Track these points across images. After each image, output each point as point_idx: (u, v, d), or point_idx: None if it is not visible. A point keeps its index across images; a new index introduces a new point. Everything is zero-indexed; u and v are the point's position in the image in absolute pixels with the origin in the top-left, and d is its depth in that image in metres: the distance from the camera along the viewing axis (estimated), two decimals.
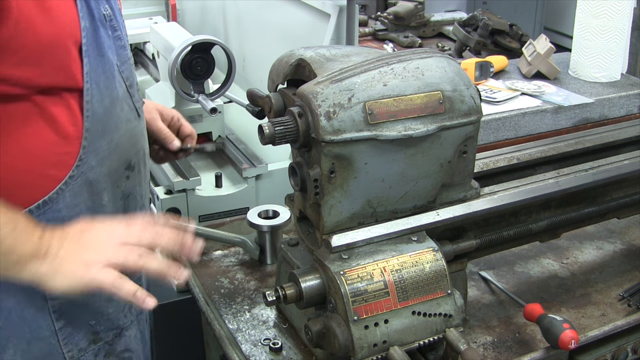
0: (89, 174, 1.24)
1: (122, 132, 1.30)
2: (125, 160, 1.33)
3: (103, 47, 1.24)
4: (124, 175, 1.33)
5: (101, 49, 1.23)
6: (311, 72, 1.21)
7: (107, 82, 1.25)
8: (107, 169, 1.28)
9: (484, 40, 2.95)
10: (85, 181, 1.24)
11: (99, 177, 1.27)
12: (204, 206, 2.04)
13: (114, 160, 1.29)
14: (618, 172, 1.49)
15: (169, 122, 1.61)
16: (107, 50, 1.25)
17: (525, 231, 1.46)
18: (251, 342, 1.39)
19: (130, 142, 1.34)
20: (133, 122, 1.34)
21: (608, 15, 2.35)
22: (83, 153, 1.22)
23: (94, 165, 1.25)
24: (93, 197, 1.27)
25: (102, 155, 1.26)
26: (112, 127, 1.27)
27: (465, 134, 1.24)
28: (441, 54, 1.25)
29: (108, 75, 1.25)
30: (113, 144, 1.28)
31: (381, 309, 1.17)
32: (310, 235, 1.30)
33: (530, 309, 1.39)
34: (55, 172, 1.21)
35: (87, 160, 1.23)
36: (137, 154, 1.37)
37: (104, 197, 1.29)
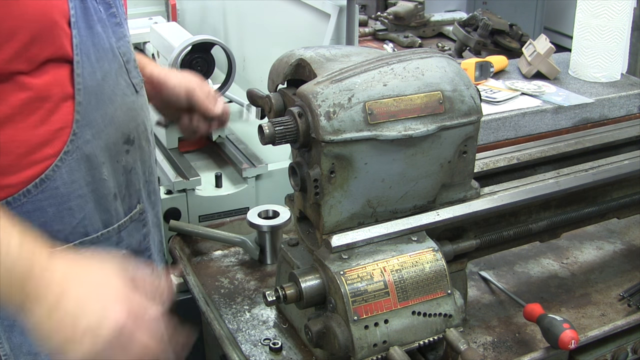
0: (85, 148, 1.24)
1: (117, 105, 1.29)
2: (123, 134, 1.32)
3: (93, 20, 1.22)
4: (123, 149, 1.33)
5: (90, 21, 1.22)
6: (311, 72, 1.21)
7: (98, 55, 1.23)
8: (103, 142, 1.27)
9: (484, 40, 2.95)
10: (81, 156, 1.23)
11: (96, 151, 1.26)
12: (204, 206, 2.04)
13: (110, 133, 1.28)
14: (618, 172, 1.49)
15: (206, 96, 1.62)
16: (98, 23, 1.23)
17: (525, 231, 1.46)
18: (251, 342, 1.39)
19: (127, 116, 1.32)
20: (130, 97, 1.33)
21: (608, 15, 2.35)
22: (77, 127, 1.21)
23: (89, 139, 1.24)
24: (92, 171, 1.26)
25: (97, 128, 1.25)
26: (105, 100, 1.26)
27: (465, 134, 1.24)
28: (441, 54, 1.25)
29: (99, 48, 1.24)
30: (108, 116, 1.27)
31: (381, 309, 1.17)
32: (310, 235, 1.30)
33: (530, 309, 1.39)
34: (49, 149, 1.20)
35: (81, 134, 1.22)
36: (137, 128, 1.36)
37: (103, 171, 1.28)
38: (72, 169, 1.23)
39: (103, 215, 1.31)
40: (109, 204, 1.32)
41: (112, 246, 1.33)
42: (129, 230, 1.37)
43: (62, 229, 1.25)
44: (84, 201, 1.27)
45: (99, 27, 1.24)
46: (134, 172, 1.37)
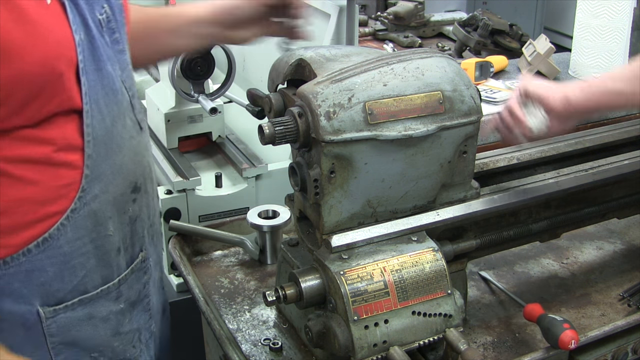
0: (93, 204, 1.14)
1: (125, 152, 1.19)
2: (130, 182, 1.23)
3: (102, 60, 1.12)
4: (130, 198, 1.24)
5: (99, 62, 1.12)
6: (311, 72, 1.21)
7: (107, 98, 1.14)
8: (111, 196, 1.18)
9: (484, 40, 2.95)
10: (89, 212, 1.14)
11: (104, 206, 1.17)
12: (204, 206, 2.04)
13: (118, 184, 1.19)
14: (618, 172, 1.49)
15: None
16: (107, 62, 1.14)
17: (525, 231, 1.46)
18: (251, 342, 1.39)
19: (134, 161, 1.23)
20: (136, 138, 1.24)
21: (608, 15, 2.35)
22: (86, 182, 1.12)
23: (97, 194, 1.15)
24: (98, 227, 1.17)
25: (106, 180, 1.16)
26: (114, 148, 1.16)
27: (465, 134, 1.24)
28: (441, 54, 1.25)
29: (107, 90, 1.14)
30: (117, 166, 1.18)
31: (381, 309, 1.17)
32: (310, 235, 1.30)
33: (530, 309, 1.39)
34: (55, 207, 1.11)
35: (90, 190, 1.13)
36: (143, 172, 1.27)
37: (109, 226, 1.19)
38: (78, 226, 1.14)
39: (104, 271, 1.22)
40: (111, 259, 1.22)
41: (110, 302, 1.24)
42: (129, 282, 1.28)
43: (61, 289, 1.16)
44: (86, 258, 1.18)
45: (108, 67, 1.14)
46: (139, 220, 1.28)
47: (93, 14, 1.12)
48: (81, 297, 1.19)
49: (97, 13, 1.13)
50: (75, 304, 1.18)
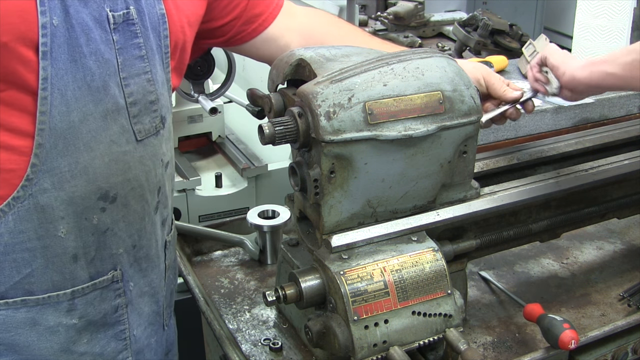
0: (41, 197, 1.08)
1: (96, 154, 1.11)
2: (99, 188, 1.14)
3: (81, 53, 1.05)
4: (97, 206, 1.15)
5: (77, 53, 1.05)
6: (311, 72, 1.21)
7: (79, 93, 1.06)
8: (67, 195, 1.10)
9: (484, 40, 2.94)
10: (34, 205, 1.08)
11: (55, 203, 1.10)
12: (204, 206, 2.04)
13: (79, 185, 1.11)
14: (618, 172, 1.49)
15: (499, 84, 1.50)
16: (89, 56, 1.06)
17: (525, 231, 1.46)
18: (251, 342, 1.39)
19: (110, 168, 1.14)
20: (123, 146, 1.15)
21: (608, 15, 2.35)
22: (32, 172, 1.06)
23: (47, 188, 1.08)
24: (46, 225, 1.11)
25: (60, 177, 1.09)
26: (79, 146, 1.09)
27: (465, 134, 1.24)
28: (441, 54, 1.25)
29: (82, 84, 1.06)
30: (79, 165, 1.10)
31: (381, 309, 1.17)
32: (310, 235, 1.30)
33: (530, 309, 1.39)
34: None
35: (37, 181, 1.07)
36: (124, 184, 1.18)
37: (59, 227, 1.12)
38: (20, 217, 1.08)
39: (55, 276, 1.15)
40: (64, 265, 1.15)
41: (60, 312, 1.17)
42: (88, 298, 1.20)
43: (1, 282, 1.12)
44: (31, 256, 1.12)
45: (89, 61, 1.07)
46: (111, 234, 1.19)
47: (98, 8, 1.07)
48: (25, 298, 1.14)
49: (108, 8, 1.09)
50: (17, 302, 1.14)
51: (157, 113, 1.21)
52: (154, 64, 1.17)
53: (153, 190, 1.25)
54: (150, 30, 1.15)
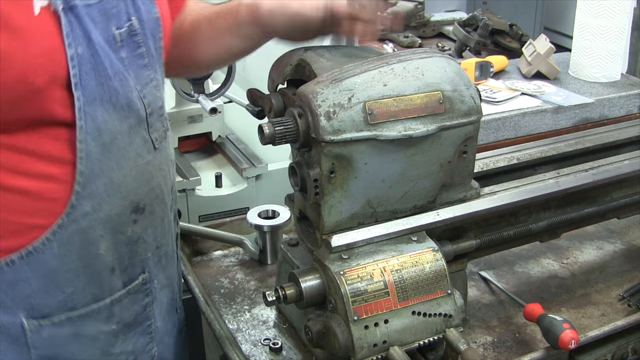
0: (82, 222, 1.10)
1: (126, 171, 1.13)
2: (131, 202, 1.16)
3: (106, 75, 1.07)
4: (130, 219, 1.17)
5: (103, 77, 1.06)
6: (311, 72, 1.21)
7: (107, 114, 1.08)
8: (105, 214, 1.12)
9: (484, 40, 2.94)
10: (77, 230, 1.10)
11: (95, 224, 1.11)
12: (204, 206, 2.04)
13: (115, 203, 1.13)
14: (618, 172, 1.49)
15: None
16: (114, 77, 1.08)
17: (525, 231, 1.46)
18: (251, 342, 1.39)
19: (138, 181, 1.17)
20: (145, 157, 1.17)
21: (608, 15, 2.35)
22: (75, 199, 1.07)
23: (88, 211, 1.10)
24: (87, 246, 1.12)
25: (98, 199, 1.10)
26: (112, 166, 1.11)
27: (465, 134, 1.24)
28: (441, 54, 1.25)
29: (109, 106, 1.08)
30: (114, 184, 1.12)
31: (381, 309, 1.17)
32: (310, 235, 1.30)
33: (530, 309, 1.39)
34: (40, 220, 1.07)
35: (79, 207, 1.08)
36: (150, 193, 1.20)
37: (100, 246, 1.14)
38: (64, 242, 1.09)
39: (95, 289, 1.17)
40: (103, 278, 1.17)
41: (100, 321, 1.19)
42: (123, 304, 1.22)
43: (47, 303, 1.12)
44: (74, 275, 1.13)
45: (115, 82, 1.08)
46: (141, 241, 1.22)
47: (106, 28, 1.07)
48: (69, 314, 1.15)
49: (114, 27, 1.09)
50: (62, 321, 1.15)
51: (164, 117, 1.24)
52: (155, 69, 1.19)
53: (169, 191, 1.29)
54: (149, 37, 1.16)
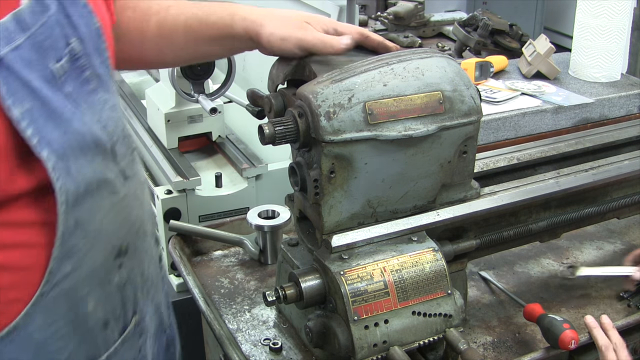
0: (64, 284, 0.97)
1: (104, 214, 1.01)
2: (113, 248, 1.05)
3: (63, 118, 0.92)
4: (115, 265, 1.06)
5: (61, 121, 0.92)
6: (311, 72, 1.21)
7: (79, 163, 0.95)
8: (87, 270, 1.00)
9: (484, 40, 2.95)
10: (59, 293, 0.97)
11: (78, 283, 0.99)
12: (204, 206, 2.04)
13: (96, 255, 1.01)
14: (618, 172, 1.49)
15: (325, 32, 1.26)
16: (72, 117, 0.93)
17: (525, 231, 1.46)
18: (251, 342, 1.39)
19: (117, 222, 1.05)
20: (119, 192, 1.04)
21: (608, 15, 2.35)
22: (53, 263, 0.94)
23: (69, 272, 0.97)
24: (74, 307, 1.00)
25: (79, 255, 0.98)
26: (87, 217, 0.98)
27: (465, 134, 1.24)
28: (441, 54, 1.25)
29: (78, 153, 0.94)
30: (92, 234, 0.99)
31: (381, 309, 1.17)
32: (310, 235, 1.30)
33: (531, 309, 1.39)
34: (18, 293, 0.94)
35: (59, 270, 0.96)
36: (130, 229, 1.09)
37: (88, 304, 1.02)
38: (48, 311, 0.97)
39: (90, 349, 1.06)
40: (96, 335, 1.06)
41: None
42: (120, 353, 1.12)
43: None
44: (65, 342, 1.01)
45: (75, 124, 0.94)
46: (130, 283, 1.11)
47: (43, 67, 0.91)
48: None
49: (52, 62, 0.92)
50: None
51: (127, 137, 1.10)
52: (106, 87, 1.04)
53: (148, 217, 1.18)
54: (93, 54, 1.00)
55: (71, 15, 0.96)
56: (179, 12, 1.28)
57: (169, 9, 1.29)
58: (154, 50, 1.32)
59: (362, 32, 1.28)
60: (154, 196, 2.04)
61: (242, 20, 1.25)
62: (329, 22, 1.27)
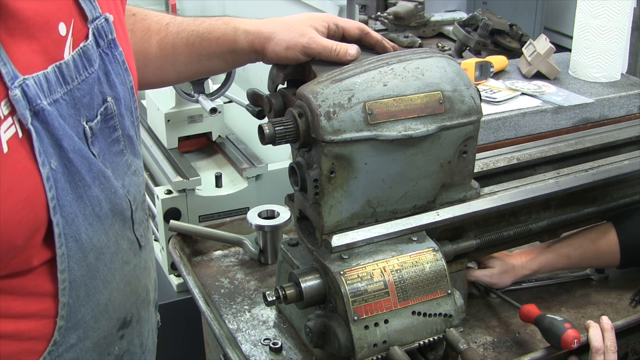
0: (67, 355, 0.95)
1: (114, 286, 0.98)
2: (118, 320, 1.02)
3: (84, 184, 0.90)
4: (117, 337, 1.03)
5: (80, 187, 0.89)
6: (311, 72, 1.21)
7: (92, 230, 0.92)
8: (91, 342, 0.97)
9: (484, 40, 2.94)
10: None
11: (80, 355, 0.97)
12: (204, 206, 2.04)
13: (101, 327, 0.98)
14: (618, 172, 1.49)
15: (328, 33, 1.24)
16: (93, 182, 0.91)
17: (525, 231, 1.46)
18: (251, 342, 1.39)
19: (125, 294, 1.02)
20: (132, 262, 1.02)
21: (608, 15, 2.35)
22: (59, 334, 0.92)
23: (74, 343, 0.95)
24: None
25: (85, 326, 0.95)
26: (98, 287, 0.95)
27: (465, 134, 1.24)
28: (441, 54, 1.25)
29: (92, 220, 0.92)
30: (101, 306, 0.96)
31: (381, 309, 1.17)
32: (310, 235, 1.30)
33: (527, 310, 1.39)
34: None
35: (63, 341, 0.93)
36: (137, 301, 1.06)
37: None
38: None
39: None
40: None
41: None
42: None
43: None
44: None
45: (95, 189, 0.91)
46: (128, 353, 1.08)
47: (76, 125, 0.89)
48: None
49: (85, 120, 0.90)
50: None
51: (145, 204, 1.08)
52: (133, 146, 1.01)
53: (153, 286, 1.15)
54: (125, 114, 0.99)
55: (110, 73, 0.95)
56: (179, 29, 1.26)
57: (168, 27, 1.27)
58: (157, 70, 1.29)
59: (362, 28, 1.27)
60: (154, 197, 2.04)
61: (245, 34, 1.24)
62: (330, 19, 1.25)
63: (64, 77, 0.87)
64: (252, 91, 1.32)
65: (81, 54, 0.90)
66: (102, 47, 0.94)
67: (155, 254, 1.76)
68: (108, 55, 0.95)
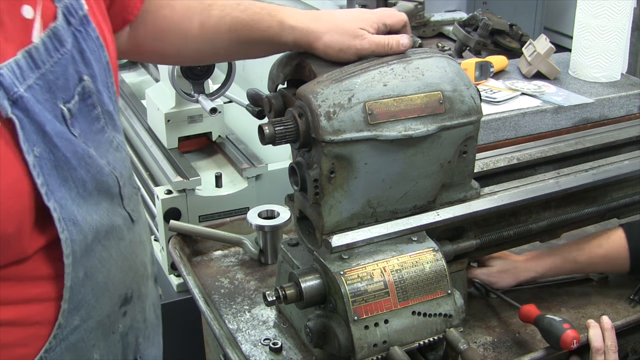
0: (71, 338, 0.96)
1: (112, 264, 1.00)
2: (119, 297, 1.03)
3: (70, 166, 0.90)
4: (120, 314, 1.05)
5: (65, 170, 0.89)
6: (311, 72, 1.21)
7: (85, 211, 0.92)
8: (94, 322, 0.98)
9: (484, 40, 2.94)
10: (66, 347, 0.95)
11: (85, 335, 0.98)
12: (204, 206, 2.04)
13: (103, 306, 0.99)
14: (618, 172, 1.49)
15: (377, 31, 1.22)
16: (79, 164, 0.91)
17: (525, 231, 1.46)
18: (251, 342, 1.39)
19: (124, 270, 1.03)
20: (126, 237, 1.03)
21: (608, 15, 2.35)
22: (63, 318, 0.93)
23: (77, 325, 0.96)
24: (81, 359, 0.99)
25: (87, 307, 0.96)
26: (96, 266, 0.96)
27: (465, 134, 1.24)
28: (441, 54, 1.25)
29: (80, 202, 0.92)
30: (100, 285, 0.98)
31: (381, 309, 1.17)
32: (310, 235, 1.30)
33: (526, 310, 1.39)
34: (25, 349, 0.92)
35: (67, 324, 0.94)
36: (135, 276, 1.08)
37: (93, 355, 1.00)
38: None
39: None
40: None
41: None
42: None
43: None
44: None
45: (81, 170, 0.91)
46: (132, 330, 1.10)
47: (53, 108, 0.89)
48: None
49: (62, 102, 0.89)
50: None
51: (132, 178, 1.08)
52: (114, 122, 1.00)
53: (150, 260, 1.16)
54: (102, 90, 0.97)
55: (84, 51, 0.93)
56: (223, 13, 1.24)
57: (211, 9, 1.24)
58: (195, 49, 1.28)
59: (405, 22, 1.26)
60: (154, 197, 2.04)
61: (291, 30, 1.21)
62: (379, 19, 1.23)
63: (35, 61, 0.86)
64: (252, 91, 1.32)
65: (51, 35, 0.88)
66: (73, 25, 0.91)
67: (155, 254, 1.76)
68: (81, 32, 0.92)
